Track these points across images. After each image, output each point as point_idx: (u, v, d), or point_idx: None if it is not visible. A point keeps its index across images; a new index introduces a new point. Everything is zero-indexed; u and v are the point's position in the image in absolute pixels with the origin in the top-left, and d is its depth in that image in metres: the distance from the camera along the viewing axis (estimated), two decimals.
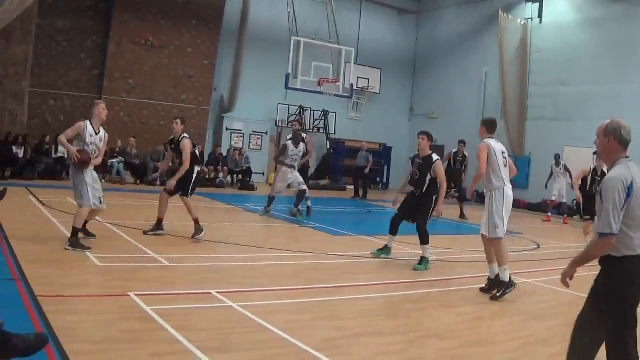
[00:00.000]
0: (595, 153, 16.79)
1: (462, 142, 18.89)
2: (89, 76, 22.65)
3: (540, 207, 23.90)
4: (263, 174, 26.97)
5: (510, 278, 8.05)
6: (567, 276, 4.56)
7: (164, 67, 23.76)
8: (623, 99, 22.33)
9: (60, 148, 20.30)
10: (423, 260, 9.81)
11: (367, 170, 23.10)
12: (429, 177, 10.02)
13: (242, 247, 10.47)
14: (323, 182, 26.95)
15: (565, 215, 20.29)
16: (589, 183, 15.06)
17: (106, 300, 6.34)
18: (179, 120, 10.63)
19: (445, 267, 10.24)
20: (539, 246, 13.92)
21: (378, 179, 30.24)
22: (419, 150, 10.32)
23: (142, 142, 22.27)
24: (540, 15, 25.79)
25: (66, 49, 22.13)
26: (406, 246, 11.34)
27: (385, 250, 10.46)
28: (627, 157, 4.45)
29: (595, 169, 14.77)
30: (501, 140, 10.17)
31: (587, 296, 4.50)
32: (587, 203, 14.05)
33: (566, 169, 20.51)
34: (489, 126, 8.62)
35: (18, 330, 4.33)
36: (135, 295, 6.52)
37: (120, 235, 10.25)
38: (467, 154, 18.65)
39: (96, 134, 9.35)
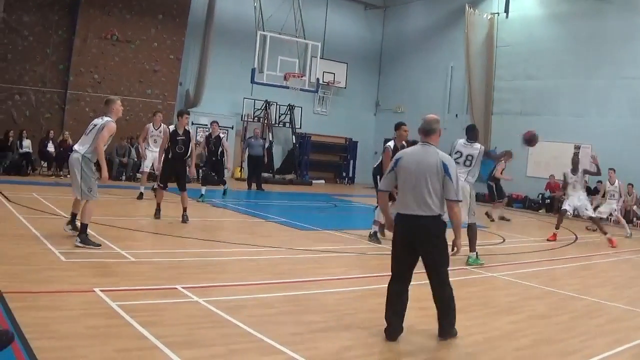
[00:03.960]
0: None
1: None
2: (54, 71, 22.41)
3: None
4: (228, 169, 26.85)
5: None
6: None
7: (129, 61, 23.61)
8: (589, 94, 22.70)
9: (25, 143, 20.20)
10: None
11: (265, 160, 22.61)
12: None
13: (208, 242, 10.51)
14: (289, 177, 27.04)
15: None
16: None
17: (72, 296, 6.31)
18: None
19: None
20: (504, 240, 14.11)
21: (344, 174, 30.41)
22: None
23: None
24: (506, 10, 26.09)
25: (32, 44, 21.88)
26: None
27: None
28: (422, 142, 5.95)
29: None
30: None
31: None
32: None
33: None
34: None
35: None
36: (101, 290, 6.52)
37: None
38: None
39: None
